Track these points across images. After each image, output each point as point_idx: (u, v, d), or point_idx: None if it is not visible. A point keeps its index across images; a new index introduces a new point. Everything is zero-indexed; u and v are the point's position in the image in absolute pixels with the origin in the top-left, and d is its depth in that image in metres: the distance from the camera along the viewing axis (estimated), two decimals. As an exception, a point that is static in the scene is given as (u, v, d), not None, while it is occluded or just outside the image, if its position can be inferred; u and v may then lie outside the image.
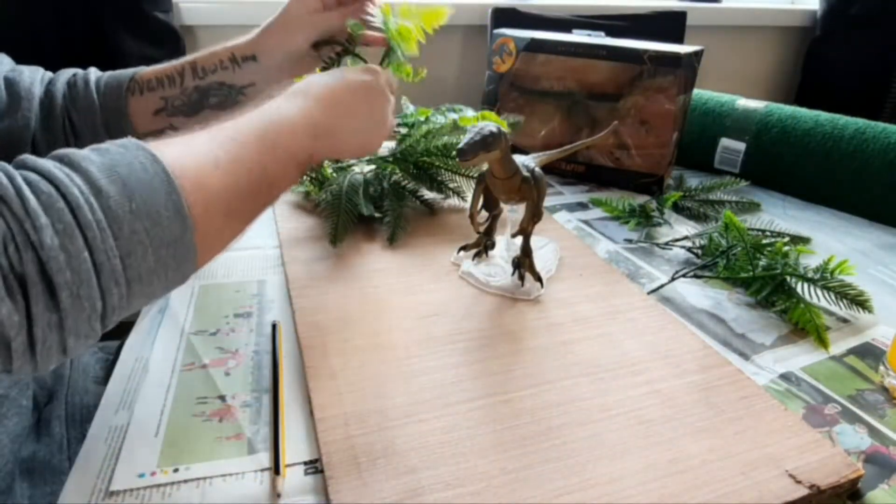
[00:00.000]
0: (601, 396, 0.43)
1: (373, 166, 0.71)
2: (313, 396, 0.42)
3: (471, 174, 0.70)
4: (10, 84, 0.54)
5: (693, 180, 0.83)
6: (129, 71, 0.59)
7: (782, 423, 0.41)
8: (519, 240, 0.55)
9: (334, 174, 0.70)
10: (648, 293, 0.58)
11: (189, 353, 0.47)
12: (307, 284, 0.55)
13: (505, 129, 0.48)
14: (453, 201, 0.73)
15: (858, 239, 0.72)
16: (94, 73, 0.59)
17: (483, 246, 0.59)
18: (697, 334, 0.51)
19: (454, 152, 0.66)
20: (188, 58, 0.58)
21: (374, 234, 0.65)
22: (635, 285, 0.58)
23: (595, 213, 0.77)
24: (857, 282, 0.56)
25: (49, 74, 0.58)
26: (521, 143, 0.86)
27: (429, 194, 0.72)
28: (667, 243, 0.68)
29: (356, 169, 0.70)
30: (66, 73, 0.59)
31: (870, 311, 0.55)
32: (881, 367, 0.48)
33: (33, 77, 0.56)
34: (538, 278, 0.55)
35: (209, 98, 0.57)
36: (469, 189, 0.69)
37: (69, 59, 1.06)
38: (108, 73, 0.59)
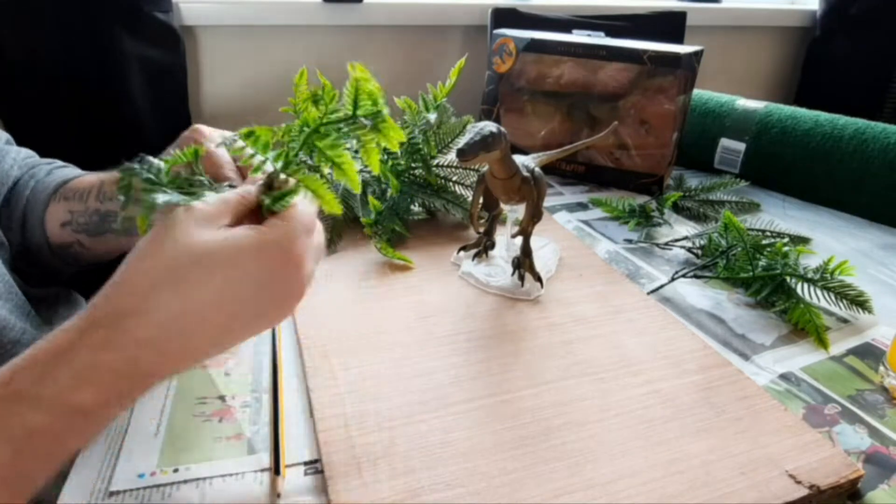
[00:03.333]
0: (601, 396, 0.43)
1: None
2: (313, 396, 0.42)
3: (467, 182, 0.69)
4: None
5: (693, 180, 0.83)
6: (74, 173, 0.55)
7: (782, 423, 0.41)
8: (519, 240, 0.55)
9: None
10: (648, 293, 0.58)
11: (189, 353, 0.47)
12: (307, 284, 0.55)
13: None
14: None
15: (858, 239, 0.72)
16: (44, 168, 0.56)
17: (483, 246, 0.59)
18: (697, 334, 0.51)
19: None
20: (105, 174, 0.53)
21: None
22: (635, 285, 0.58)
23: (595, 213, 0.77)
24: (857, 282, 0.56)
25: (28, 166, 0.56)
26: (521, 143, 0.86)
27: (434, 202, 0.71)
28: (667, 243, 0.68)
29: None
30: (34, 169, 0.55)
31: (870, 312, 0.55)
32: (881, 368, 0.48)
33: (16, 160, 0.55)
34: (538, 278, 0.55)
35: (110, 222, 0.52)
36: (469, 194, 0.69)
37: (68, 58, 1.06)
38: (61, 175, 0.55)
